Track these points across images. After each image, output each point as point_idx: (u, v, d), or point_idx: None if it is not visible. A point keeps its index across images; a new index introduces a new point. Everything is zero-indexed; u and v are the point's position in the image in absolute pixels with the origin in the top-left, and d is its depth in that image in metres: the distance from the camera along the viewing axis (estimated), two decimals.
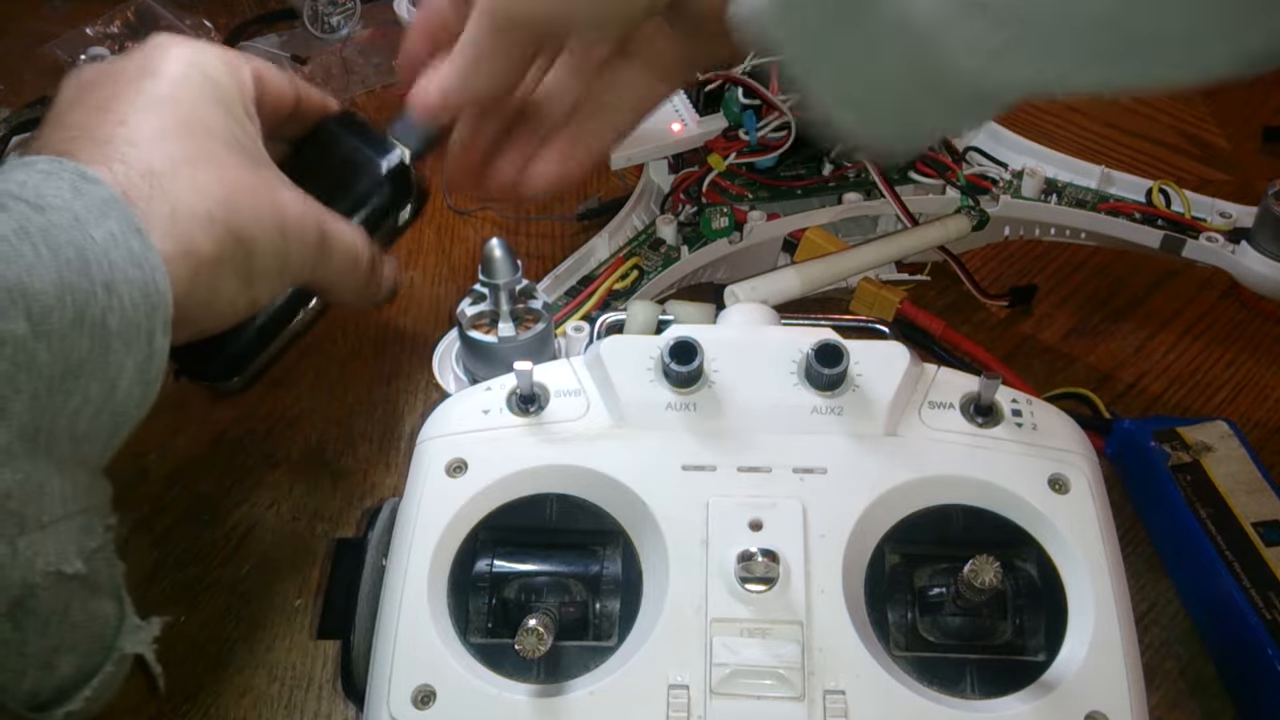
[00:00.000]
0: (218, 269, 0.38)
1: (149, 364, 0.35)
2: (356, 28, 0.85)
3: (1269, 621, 0.43)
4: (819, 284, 0.54)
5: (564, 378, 0.40)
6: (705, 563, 0.36)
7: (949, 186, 0.60)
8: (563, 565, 0.38)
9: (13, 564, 0.32)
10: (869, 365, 0.39)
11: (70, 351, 0.32)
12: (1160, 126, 0.78)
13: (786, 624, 0.34)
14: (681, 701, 0.34)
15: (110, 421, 0.34)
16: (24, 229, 0.32)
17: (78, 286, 0.32)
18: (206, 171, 0.38)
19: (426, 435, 0.39)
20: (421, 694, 0.34)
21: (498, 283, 0.49)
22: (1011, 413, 0.39)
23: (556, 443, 0.38)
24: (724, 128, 0.60)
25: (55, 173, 0.35)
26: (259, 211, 0.39)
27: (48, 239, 0.32)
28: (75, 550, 0.33)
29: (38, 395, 0.32)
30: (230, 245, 0.38)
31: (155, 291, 0.35)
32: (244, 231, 0.38)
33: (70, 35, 0.85)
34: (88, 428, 0.34)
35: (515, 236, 0.70)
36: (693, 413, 0.38)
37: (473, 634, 0.36)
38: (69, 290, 0.32)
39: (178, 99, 0.40)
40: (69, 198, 0.34)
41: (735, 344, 0.40)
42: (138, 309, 0.34)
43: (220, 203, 0.38)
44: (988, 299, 0.61)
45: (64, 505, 0.33)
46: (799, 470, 0.37)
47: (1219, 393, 0.59)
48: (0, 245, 0.31)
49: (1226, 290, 0.64)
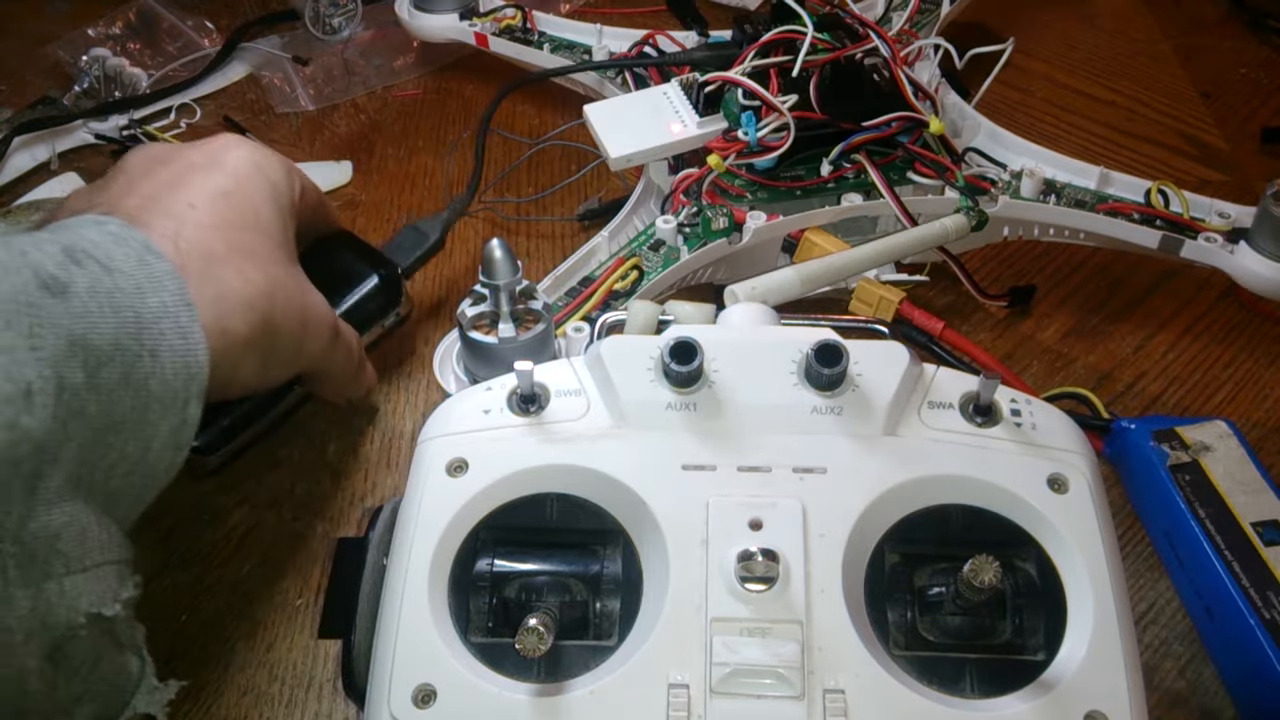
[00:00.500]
0: (246, 350, 0.41)
1: (181, 430, 0.37)
2: (358, 29, 0.85)
3: (1268, 621, 0.43)
4: (819, 284, 0.54)
5: (564, 378, 0.40)
6: (705, 562, 0.36)
7: (948, 187, 0.60)
8: (563, 565, 0.38)
9: (60, 602, 0.33)
10: (868, 365, 0.39)
11: (115, 407, 0.35)
12: (1159, 127, 0.78)
13: (786, 623, 0.34)
14: (681, 701, 0.34)
15: (139, 482, 0.37)
16: (94, 288, 0.35)
17: (129, 348, 0.35)
18: (253, 264, 0.42)
19: (427, 435, 0.40)
20: (422, 693, 0.34)
21: (498, 283, 0.49)
22: (1010, 413, 0.39)
23: (557, 442, 0.38)
24: (723, 128, 0.61)
25: (125, 240, 0.38)
26: (290, 305, 0.44)
27: (112, 300, 0.35)
28: (111, 596, 0.35)
29: (84, 445, 0.34)
30: (260, 331, 0.42)
31: (195, 363, 0.38)
32: (274, 321, 0.42)
33: (72, 36, 0.85)
34: (120, 484, 0.36)
35: (515, 237, 0.70)
36: (693, 412, 0.39)
37: (473, 633, 0.37)
38: (121, 350, 0.35)
39: (242, 194, 0.44)
40: (134, 266, 0.37)
41: (735, 344, 0.40)
42: (178, 376, 0.37)
43: (261, 293, 0.42)
44: (987, 299, 0.62)
45: (102, 552, 0.35)
46: (799, 470, 0.37)
47: (1218, 392, 0.59)
48: (74, 300, 0.34)
49: (1225, 290, 0.64)
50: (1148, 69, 0.84)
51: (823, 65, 0.61)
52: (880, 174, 0.59)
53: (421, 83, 0.85)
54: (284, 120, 0.81)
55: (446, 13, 0.78)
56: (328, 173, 0.76)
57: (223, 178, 0.44)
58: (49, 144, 0.77)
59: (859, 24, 0.63)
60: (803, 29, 0.60)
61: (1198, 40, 0.88)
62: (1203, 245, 0.57)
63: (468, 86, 0.84)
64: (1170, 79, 0.83)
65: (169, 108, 0.81)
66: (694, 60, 0.67)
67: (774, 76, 0.61)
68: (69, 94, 0.81)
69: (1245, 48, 0.86)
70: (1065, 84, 0.83)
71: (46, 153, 0.77)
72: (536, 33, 0.76)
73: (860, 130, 0.60)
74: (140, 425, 0.36)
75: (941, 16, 0.76)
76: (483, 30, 0.76)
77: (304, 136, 0.80)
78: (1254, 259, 0.56)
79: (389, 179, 0.76)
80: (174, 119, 0.80)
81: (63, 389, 0.33)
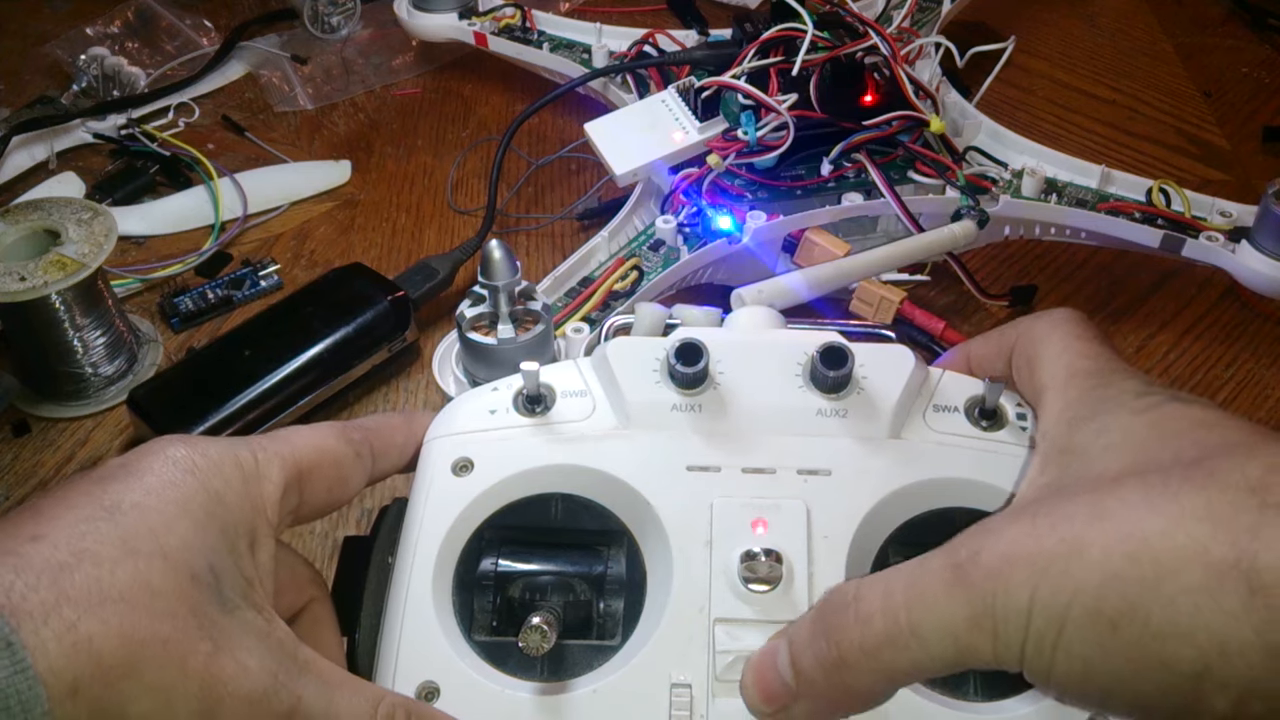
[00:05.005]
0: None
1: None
2: (356, 28, 0.85)
3: None
4: (825, 287, 0.54)
5: (570, 378, 0.40)
6: (709, 563, 0.36)
7: (949, 186, 0.60)
8: (567, 564, 0.38)
9: None
10: (874, 368, 0.39)
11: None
12: (1160, 126, 0.78)
13: (789, 624, 0.34)
14: (684, 700, 0.34)
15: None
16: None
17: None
18: (107, 615, 0.29)
19: (433, 434, 0.40)
20: (426, 690, 0.34)
21: (497, 284, 0.49)
22: (1015, 416, 0.39)
23: (562, 443, 0.38)
24: (725, 129, 0.61)
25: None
26: (165, 677, 0.29)
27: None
28: None
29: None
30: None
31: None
32: (121, 703, 0.29)
33: (70, 35, 0.85)
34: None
35: (515, 237, 0.70)
36: (698, 414, 0.38)
37: (477, 632, 0.37)
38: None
39: (141, 510, 0.31)
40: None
41: (741, 346, 0.40)
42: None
43: (94, 663, 0.28)
44: (988, 299, 0.62)
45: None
46: (803, 472, 0.37)
47: (1219, 392, 0.59)
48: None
49: (1226, 290, 0.64)
50: (1149, 68, 0.85)
51: (823, 64, 0.61)
52: (881, 173, 0.59)
53: (420, 82, 0.85)
54: (282, 119, 0.81)
55: (445, 12, 0.78)
56: (326, 172, 0.76)
57: (122, 489, 0.32)
58: (47, 143, 0.77)
59: (859, 22, 0.63)
60: (803, 27, 0.60)
61: (1199, 39, 0.88)
62: (1204, 244, 0.57)
63: (467, 86, 0.84)
64: (1172, 78, 0.83)
65: (167, 107, 0.81)
66: (694, 60, 0.67)
67: (774, 76, 0.61)
68: (67, 93, 0.81)
69: (1247, 47, 0.87)
70: (1066, 83, 0.83)
71: (45, 152, 0.77)
72: (536, 32, 0.76)
73: (860, 129, 0.60)
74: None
75: (942, 15, 0.76)
76: (482, 29, 0.76)
77: (302, 135, 0.80)
78: (1255, 258, 0.56)
79: (388, 178, 0.76)
80: (172, 118, 0.80)
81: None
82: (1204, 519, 0.27)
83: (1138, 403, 0.32)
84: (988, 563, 0.29)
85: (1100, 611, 0.27)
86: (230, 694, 0.30)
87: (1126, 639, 0.27)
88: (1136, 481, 0.29)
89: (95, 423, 0.60)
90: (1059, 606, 0.27)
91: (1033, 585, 0.28)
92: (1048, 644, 0.28)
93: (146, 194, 0.74)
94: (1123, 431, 0.31)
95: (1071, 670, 0.28)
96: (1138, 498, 0.28)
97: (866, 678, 0.30)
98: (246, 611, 0.32)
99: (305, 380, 0.58)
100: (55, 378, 0.60)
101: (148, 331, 0.64)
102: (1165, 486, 0.28)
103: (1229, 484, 0.27)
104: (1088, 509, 0.29)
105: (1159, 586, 0.27)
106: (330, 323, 0.59)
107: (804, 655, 0.31)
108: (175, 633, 0.30)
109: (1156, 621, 0.27)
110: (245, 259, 0.69)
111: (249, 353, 0.58)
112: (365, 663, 0.36)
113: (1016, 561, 0.28)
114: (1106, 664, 0.27)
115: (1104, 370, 0.34)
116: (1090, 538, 0.28)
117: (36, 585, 0.28)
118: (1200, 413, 0.31)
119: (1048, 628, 0.27)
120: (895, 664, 0.30)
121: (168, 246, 0.71)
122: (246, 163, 0.76)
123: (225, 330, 0.64)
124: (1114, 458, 0.31)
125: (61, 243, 0.57)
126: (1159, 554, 0.27)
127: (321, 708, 0.32)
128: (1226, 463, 0.28)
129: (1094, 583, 0.27)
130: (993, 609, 0.28)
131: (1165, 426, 0.31)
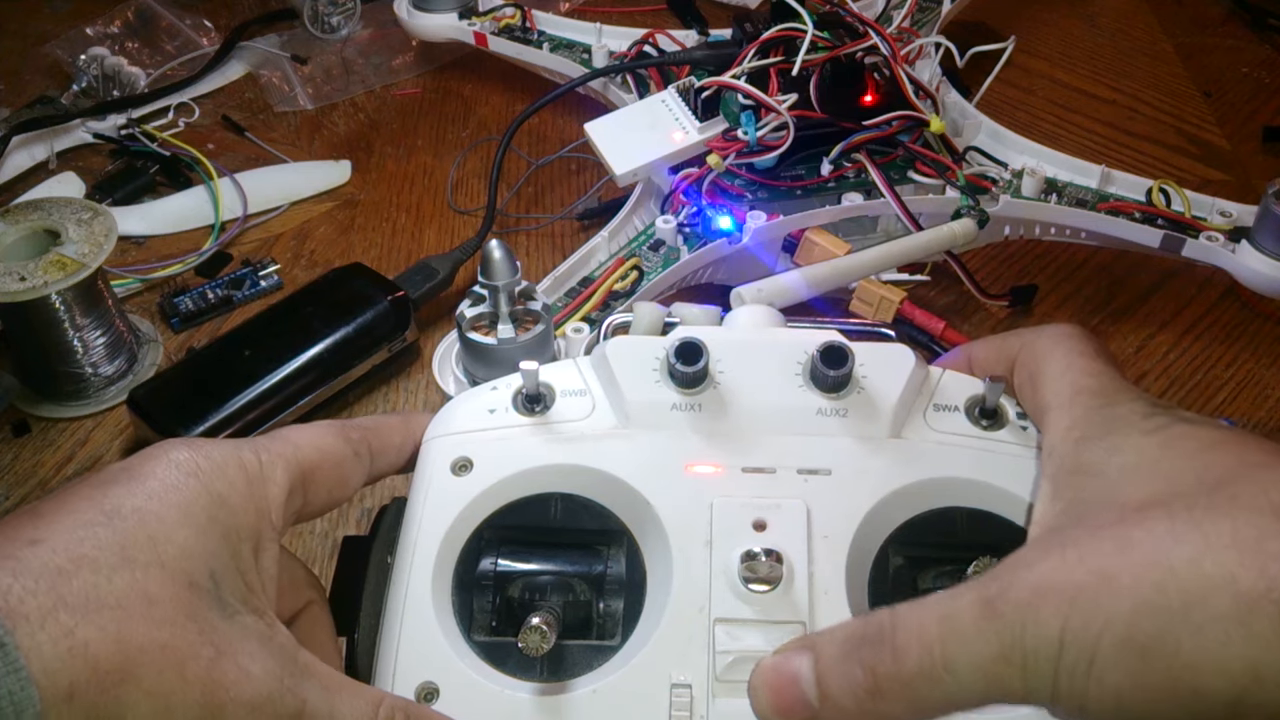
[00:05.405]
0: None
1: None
2: (356, 28, 0.85)
3: None
4: (825, 287, 0.54)
5: (570, 378, 0.40)
6: (709, 562, 0.36)
7: (949, 186, 0.60)
8: (567, 564, 0.38)
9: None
10: (874, 368, 0.39)
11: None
12: (1160, 126, 0.78)
13: (789, 624, 0.34)
14: (684, 700, 0.34)
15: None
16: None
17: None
18: (104, 621, 0.29)
19: (432, 434, 0.39)
20: (425, 691, 0.34)
21: (497, 284, 0.49)
22: (1016, 415, 0.39)
23: (561, 442, 0.38)
24: (725, 129, 0.60)
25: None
26: (164, 683, 0.29)
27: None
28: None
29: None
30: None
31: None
32: (119, 709, 0.29)
33: (70, 35, 0.85)
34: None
35: (515, 237, 0.70)
36: (698, 413, 0.38)
37: (476, 632, 0.36)
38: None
39: (141, 515, 0.31)
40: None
41: (740, 345, 0.40)
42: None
43: (91, 669, 0.28)
44: (988, 299, 0.62)
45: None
46: (803, 471, 0.37)
47: (1219, 392, 0.59)
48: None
49: (1226, 290, 0.64)
50: (1149, 68, 0.84)
51: (822, 64, 0.60)
52: (881, 173, 0.59)
53: (420, 82, 0.85)
54: (283, 119, 0.81)
55: (445, 12, 0.78)
56: (326, 172, 0.76)
57: (123, 492, 0.32)
58: (47, 143, 0.77)
59: (859, 22, 0.63)
60: (802, 27, 0.60)
61: (1199, 39, 0.88)
62: (1204, 244, 0.57)
63: (467, 86, 0.84)
64: (1172, 78, 0.83)
65: (167, 107, 0.81)
66: (694, 60, 0.67)
67: (774, 76, 0.61)
68: (67, 93, 0.81)
69: (1247, 47, 0.87)
70: (1066, 83, 0.83)
71: (45, 152, 0.77)
72: (536, 32, 0.76)
73: (860, 129, 0.60)
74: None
75: (942, 15, 0.76)
76: (482, 29, 0.76)
77: (302, 135, 0.80)
78: (1256, 258, 0.56)
79: (388, 178, 0.76)
80: (172, 118, 0.80)
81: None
82: (1230, 546, 0.27)
83: (1147, 423, 0.32)
84: (1017, 596, 0.28)
85: (1131, 640, 0.27)
86: (233, 699, 0.30)
87: (1158, 668, 0.27)
88: (1161, 510, 0.29)
89: (95, 423, 0.60)
90: (1090, 637, 0.27)
91: (1063, 616, 0.28)
92: (1080, 674, 0.27)
93: (146, 194, 0.74)
94: (1136, 452, 0.31)
95: (1104, 701, 0.27)
96: (1163, 527, 0.28)
97: (898, 708, 0.30)
98: (247, 617, 0.32)
99: (305, 380, 0.58)
100: (55, 378, 0.60)
101: (148, 331, 0.64)
102: (1190, 514, 0.28)
103: (1253, 508, 0.27)
104: (1114, 540, 0.29)
105: (1188, 615, 0.26)
106: (330, 323, 0.59)
107: (832, 677, 0.31)
108: (174, 639, 0.30)
109: (1187, 650, 0.26)
110: (245, 259, 0.69)
111: (249, 353, 0.58)
112: (365, 662, 0.36)
113: (1046, 594, 0.28)
114: (1139, 694, 0.27)
115: (1108, 389, 0.34)
116: (1119, 568, 0.28)
117: (34, 589, 0.28)
118: (1211, 433, 0.31)
119: (1079, 659, 0.27)
120: (929, 697, 0.30)
121: (168, 246, 0.71)
122: (246, 163, 0.76)
123: (225, 330, 0.64)
124: (1133, 481, 0.31)
125: (61, 243, 0.57)
126: (1186, 583, 0.27)
127: (325, 712, 0.32)
128: (1249, 486, 0.28)
129: (1124, 612, 0.27)
130: (1022, 641, 0.28)
131: (1178, 447, 0.31)
